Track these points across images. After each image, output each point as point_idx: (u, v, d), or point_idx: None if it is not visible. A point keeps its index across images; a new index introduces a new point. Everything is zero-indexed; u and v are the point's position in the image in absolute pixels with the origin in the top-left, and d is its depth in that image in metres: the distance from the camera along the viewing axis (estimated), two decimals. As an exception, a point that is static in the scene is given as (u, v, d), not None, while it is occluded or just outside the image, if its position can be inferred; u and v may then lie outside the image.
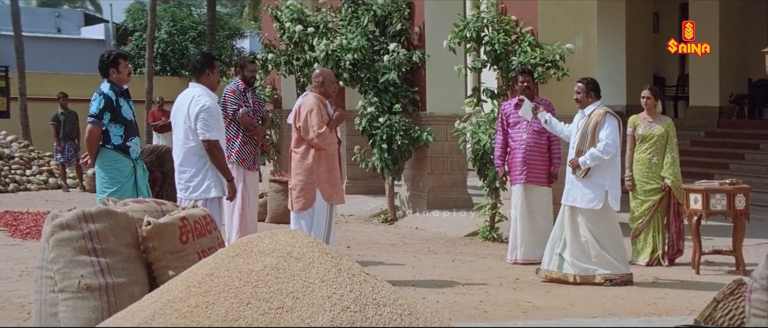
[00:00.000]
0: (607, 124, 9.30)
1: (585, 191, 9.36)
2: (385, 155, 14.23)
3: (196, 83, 8.54)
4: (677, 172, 10.52)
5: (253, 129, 10.28)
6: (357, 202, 16.08)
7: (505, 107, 11.03)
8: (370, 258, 10.96)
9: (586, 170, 9.31)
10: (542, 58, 11.83)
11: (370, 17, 14.81)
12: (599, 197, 9.29)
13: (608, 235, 9.40)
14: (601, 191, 9.29)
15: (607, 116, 9.37)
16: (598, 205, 9.29)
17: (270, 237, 4.52)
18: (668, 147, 10.55)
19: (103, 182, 8.54)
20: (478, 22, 12.49)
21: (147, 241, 6.46)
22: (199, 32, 34.60)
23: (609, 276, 9.29)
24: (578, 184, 9.40)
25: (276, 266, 4.30)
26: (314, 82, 9.32)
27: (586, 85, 9.55)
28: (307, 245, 4.43)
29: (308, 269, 4.29)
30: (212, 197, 8.40)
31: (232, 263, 4.38)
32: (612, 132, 9.28)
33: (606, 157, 9.24)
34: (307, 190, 9.11)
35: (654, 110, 10.75)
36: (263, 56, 17.06)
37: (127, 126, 8.55)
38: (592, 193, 9.32)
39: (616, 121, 9.38)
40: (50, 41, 38.84)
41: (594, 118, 9.38)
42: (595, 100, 9.53)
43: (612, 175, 9.36)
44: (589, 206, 9.33)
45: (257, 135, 10.34)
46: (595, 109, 9.43)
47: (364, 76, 14.45)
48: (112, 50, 8.84)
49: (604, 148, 9.22)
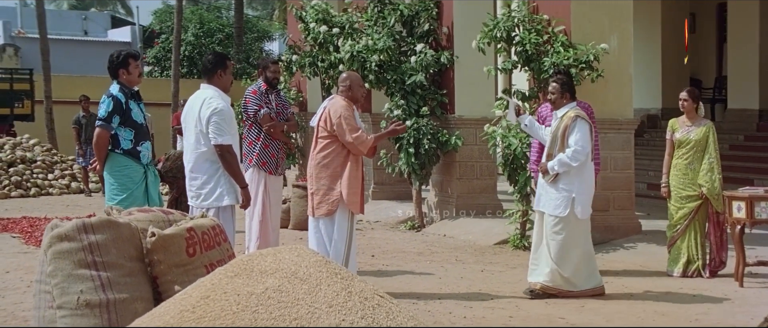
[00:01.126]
0: (577, 130, 8.76)
1: (552, 197, 8.87)
2: (412, 160, 13.78)
3: (208, 85, 8.09)
4: (715, 179, 9.93)
5: (274, 129, 9.81)
6: (383, 208, 15.62)
7: (542, 110, 10.51)
8: (395, 268, 10.50)
9: (553, 175, 8.82)
10: (575, 58, 11.39)
11: (397, 17, 14.36)
12: (564, 204, 8.77)
13: (572, 245, 8.85)
14: (567, 198, 8.77)
15: (577, 121, 8.82)
16: (563, 212, 8.77)
17: (273, 255, 4.05)
18: (707, 152, 9.98)
19: (113, 188, 8.12)
20: (509, 21, 12.01)
21: (151, 253, 6.07)
22: (226, 35, 34.29)
23: (544, 286, 8.80)
24: (548, 189, 8.92)
25: (279, 289, 3.83)
26: (341, 87, 8.86)
27: (560, 85, 9.01)
28: (315, 264, 3.95)
29: (315, 292, 3.81)
30: (225, 205, 7.95)
31: (231, 285, 3.91)
32: (582, 138, 8.74)
33: (574, 164, 8.72)
34: (331, 195, 8.64)
35: (693, 113, 10.17)
36: (288, 58, 16.63)
37: (138, 130, 8.12)
38: (558, 199, 8.82)
39: (586, 126, 8.84)
40: (77, 44, 38.76)
41: (564, 121, 8.87)
42: (569, 101, 9.01)
43: (580, 182, 8.83)
44: (554, 213, 8.82)
45: (275, 131, 9.83)
46: (567, 112, 8.91)
47: (391, 78, 14.00)
48: (122, 50, 8.40)
49: (573, 154, 8.71)
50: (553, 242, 8.81)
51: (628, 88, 12.20)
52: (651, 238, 11.76)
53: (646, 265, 10.65)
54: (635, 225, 12.19)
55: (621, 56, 11.98)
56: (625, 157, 12.15)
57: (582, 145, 8.70)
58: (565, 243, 8.81)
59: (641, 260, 10.90)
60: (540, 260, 8.93)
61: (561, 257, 8.78)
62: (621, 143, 12.07)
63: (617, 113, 12.00)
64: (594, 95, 11.27)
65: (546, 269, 8.82)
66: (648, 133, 19.36)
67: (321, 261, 4.01)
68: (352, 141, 8.52)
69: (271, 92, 10.13)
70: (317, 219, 8.72)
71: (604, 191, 11.71)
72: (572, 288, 8.84)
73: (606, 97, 11.77)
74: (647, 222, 12.54)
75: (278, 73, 10.29)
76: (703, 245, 10.05)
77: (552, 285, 8.80)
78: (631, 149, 12.23)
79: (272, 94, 10.13)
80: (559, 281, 8.80)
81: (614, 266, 10.62)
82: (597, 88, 11.55)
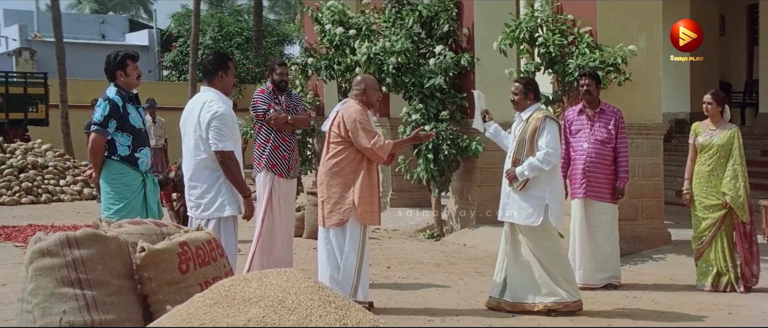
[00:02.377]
0: (547, 131, 8.20)
1: (522, 205, 8.27)
2: (431, 166, 13.27)
3: (208, 87, 7.59)
4: (739, 186, 9.33)
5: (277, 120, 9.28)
6: (401, 216, 15.10)
7: (568, 114, 9.98)
8: (411, 280, 9.98)
9: (523, 182, 8.24)
10: (602, 60, 10.90)
11: (416, 18, 13.88)
12: (538, 212, 8.20)
13: (551, 255, 8.29)
14: (540, 205, 8.20)
15: (546, 121, 8.26)
16: (537, 221, 8.19)
17: (259, 279, 3.53)
18: (731, 158, 9.39)
19: (109, 197, 7.65)
20: (532, 21, 11.50)
21: (141, 270, 5.62)
22: (245, 38, 33.86)
23: (551, 305, 8.19)
24: (515, 197, 8.33)
25: (263, 320, 3.32)
26: (355, 90, 8.35)
27: (524, 86, 8.46)
28: (305, 290, 3.44)
29: (304, 325, 3.28)
30: (226, 215, 7.43)
31: (209, 315, 3.40)
32: (552, 139, 8.18)
33: (546, 167, 8.17)
34: (342, 204, 8.12)
35: (718, 117, 9.59)
36: (303, 61, 16.14)
37: (136, 135, 7.64)
38: (530, 207, 8.23)
39: (556, 126, 8.30)
40: (94, 47, 38.37)
41: (532, 123, 8.29)
42: (534, 103, 8.46)
43: (552, 187, 8.26)
44: (526, 222, 8.25)
45: (278, 122, 9.30)
46: (533, 113, 8.35)
47: (409, 82, 13.50)
48: (120, 50, 7.91)
49: (545, 157, 8.14)
50: (538, 253, 8.25)
51: (657, 91, 11.66)
52: (681, 248, 11.19)
53: (677, 278, 10.08)
54: (664, 235, 11.63)
55: (649, 58, 11.47)
56: (654, 163, 11.60)
57: (553, 147, 8.17)
58: (550, 250, 8.26)
59: (671, 273, 10.34)
60: (524, 276, 8.32)
61: (550, 268, 8.22)
62: (649, 149, 11.53)
63: (645, 118, 11.47)
64: (621, 99, 10.81)
65: (547, 286, 8.22)
66: (676, 139, 18.76)
67: (312, 287, 3.49)
68: (371, 147, 8.01)
69: (281, 93, 9.64)
70: (328, 229, 8.21)
71: (632, 199, 11.19)
72: (573, 297, 8.27)
73: (634, 101, 11.25)
74: (676, 231, 11.97)
75: (285, 75, 9.78)
76: (733, 257, 9.48)
77: (559, 300, 8.20)
78: (659, 156, 11.68)
79: (282, 95, 9.64)
80: (563, 294, 8.22)
81: (643, 279, 10.06)
82: (624, 92, 11.08)
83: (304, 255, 11.20)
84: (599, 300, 8.95)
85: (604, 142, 9.65)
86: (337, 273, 8.10)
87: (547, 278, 8.22)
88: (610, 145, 9.67)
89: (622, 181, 9.68)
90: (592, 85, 9.74)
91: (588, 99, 9.74)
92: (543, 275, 8.22)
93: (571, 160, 9.82)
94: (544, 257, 8.25)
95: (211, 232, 6.08)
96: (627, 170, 9.71)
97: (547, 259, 8.25)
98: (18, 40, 39.96)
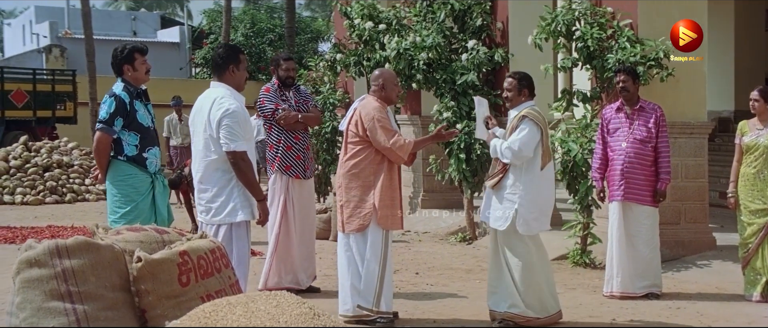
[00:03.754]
0: (521, 129, 7.59)
1: (496, 207, 7.72)
2: (463, 166, 12.70)
3: (219, 82, 7.07)
4: (787, 189, 8.75)
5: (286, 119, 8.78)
6: (433, 217, 14.55)
7: (606, 112, 9.38)
8: (440, 288, 9.45)
9: (497, 180, 7.67)
10: (643, 55, 10.31)
11: (448, 12, 13.34)
12: (506, 216, 7.61)
13: (521, 263, 7.67)
14: (510, 209, 7.61)
15: (524, 121, 7.62)
16: (503, 225, 7.62)
17: (244, 305, 3.05)
18: (778, 160, 8.79)
19: (115, 200, 7.17)
20: (569, 14, 10.93)
21: (138, 282, 5.16)
22: (278, 35, 33.44)
23: (504, 314, 7.66)
24: (493, 198, 7.77)
25: (246, 355, 2.79)
26: (373, 85, 7.82)
27: (517, 81, 7.82)
28: (298, 318, 2.93)
29: (294, 361, 2.76)
30: (239, 220, 6.93)
31: (183, 348, 2.88)
32: (524, 137, 7.53)
33: (502, 159, 7.61)
34: (362, 208, 7.59)
35: (766, 115, 8.96)
36: (332, 57, 15.65)
37: (144, 134, 7.15)
38: (500, 210, 7.67)
39: (534, 127, 7.60)
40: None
41: (513, 122, 7.71)
42: (528, 99, 7.82)
43: (526, 191, 7.60)
44: (494, 225, 7.71)
45: (287, 121, 8.79)
46: (519, 113, 7.75)
47: (440, 78, 12.98)
48: (127, 43, 7.43)
49: (505, 149, 7.58)
50: (512, 262, 7.68)
51: (702, 88, 11.06)
52: (726, 254, 10.58)
53: (723, 287, 9.47)
54: (709, 240, 11.02)
55: (694, 53, 10.78)
56: (698, 164, 10.98)
57: (519, 146, 7.53)
58: (520, 259, 7.66)
59: (717, 281, 9.72)
60: (500, 282, 7.77)
61: (523, 280, 7.64)
62: (693, 149, 10.92)
63: (689, 116, 10.86)
64: (664, 96, 10.24)
65: (509, 296, 7.69)
66: (719, 138, 18.09)
67: (306, 315, 2.97)
68: (390, 147, 7.48)
69: (288, 90, 9.13)
70: (347, 235, 7.69)
71: (675, 201, 10.60)
72: (537, 315, 7.69)
73: (677, 99, 10.65)
74: (721, 235, 11.32)
75: (292, 71, 9.24)
76: (787, 265, 8.86)
77: (516, 312, 7.65)
78: (704, 156, 11.05)
79: (290, 91, 9.13)
80: (522, 307, 7.65)
81: (687, 287, 9.46)
82: (667, 89, 10.49)
83: (330, 260, 10.68)
84: (640, 310, 8.37)
85: (643, 142, 9.04)
86: (358, 282, 7.59)
87: (513, 287, 7.67)
88: (651, 145, 9.05)
89: (664, 182, 9.06)
90: (628, 81, 9.14)
91: (625, 96, 9.15)
92: (510, 283, 7.68)
93: (609, 161, 9.23)
94: (513, 263, 7.69)
95: (215, 240, 5.57)
96: (669, 171, 9.09)
97: (515, 266, 7.68)
98: (48, 37, 39.79)
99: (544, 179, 7.73)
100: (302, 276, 9.05)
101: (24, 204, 18.08)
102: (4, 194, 18.46)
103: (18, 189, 18.59)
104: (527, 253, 7.69)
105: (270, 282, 8.85)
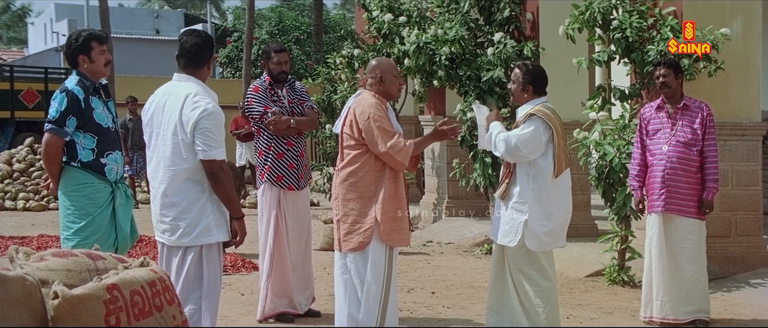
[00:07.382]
0: (525, 126, 6.76)
1: (504, 220, 6.82)
2: (488, 171, 11.81)
3: (189, 76, 5.96)
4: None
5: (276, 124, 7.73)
6: (457, 226, 13.46)
7: (645, 111, 8.23)
8: (456, 313, 8.42)
9: (504, 186, 6.85)
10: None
11: (473, 2, 12.40)
12: (514, 230, 6.75)
13: (533, 287, 6.78)
14: (519, 221, 6.71)
15: (531, 119, 6.75)
16: (513, 241, 6.72)
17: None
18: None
19: (68, 214, 6.16)
20: (605, 1, 9.88)
21: (56, 322, 4.08)
22: (305, 33, 32.56)
23: None
24: (501, 208, 6.89)
25: None
26: (369, 78, 6.71)
27: (523, 73, 6.92)
28: None
29: None
30: (212, 242, 5.83)
31: None
32: (525, 134, 6.71)
33: (495, 151, 6.90)
34: (362, 223, 6.50)
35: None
36: (349, 52, 14.65)
37: (102, 136, 6.14)
38: (508, 223, 6.77)
39: (541, 126, 6.72)
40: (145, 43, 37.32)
41: (519, 120, 6.86)
42: (532, 97, 6.91)
43: (536, 201, 6.69)
44: (502, 240, 6.82)
45: (277, 126, 7.73)
46: (527, 110, 6.86)
47: (464, 74, 12.07)
48: (83, 31, 6.39)
49: (500, 139, 6.81)
50: (522, 283, 6.82)
51: (755, 84, 10.02)
52: (783, 272, 9.45)
53: (781, 310, 8.33)
54: (763, 255, 9.96)
55: (746, 44, 9.84)
56: (751, 170, 9.91)
57: (516, 142, 6.71)
58: (528, 281, 6.79)
59: (774, 303, 8.59)
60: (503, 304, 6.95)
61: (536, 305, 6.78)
62: (745, 153, 9.87)
63: (741, 115, 9.85)
64: (712, 93, 9.37)
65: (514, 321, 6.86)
66: (771, 140, 16.92)
67: None
68: (387, 151, 6.39)
69: (280, 87, 8.04)
70: (345, 255, 6.60)
71: (724, 212, 9.60)
72: None
73: (726, 96, 9.67)
74: (777, 250, 10.19)
75: (284, 64, 8.09)
76: None
77: None
78: (758, 160, 9.97)
79: (283, 89, 8.05)
80: None
81: (739, 312, 8.33)
82: (715, 84, 9.52)
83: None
84: (686, 341, 7.24)
85: (688, 145, 7.85)
86: (356, 311, 6.51)
87: (519, 310, 6.82)
88: (696, 148, 7.85)
89: (711, 192, 7.87)
90: (669, 75, 7.97)
91: (666, 92, 7.99)
92: (516, 306, 6.83)
93: (649, 167, 8.07)
94: (523, 285, 6.79)
95: (158, 268, 4.49)
96: (716, 179, 7.89)
97: (526, 288, 6.80)
98: (67, 36, 39.16)
99: (559, 188, 6.81)
100: (299, 299, 7.99)
101: (26, 210, 17.32)
102: (5, 199, 17.69)
103: (21, 194, 17.90)
104: (542, 276, 6.80)
105: (266, 309, 7.85)
